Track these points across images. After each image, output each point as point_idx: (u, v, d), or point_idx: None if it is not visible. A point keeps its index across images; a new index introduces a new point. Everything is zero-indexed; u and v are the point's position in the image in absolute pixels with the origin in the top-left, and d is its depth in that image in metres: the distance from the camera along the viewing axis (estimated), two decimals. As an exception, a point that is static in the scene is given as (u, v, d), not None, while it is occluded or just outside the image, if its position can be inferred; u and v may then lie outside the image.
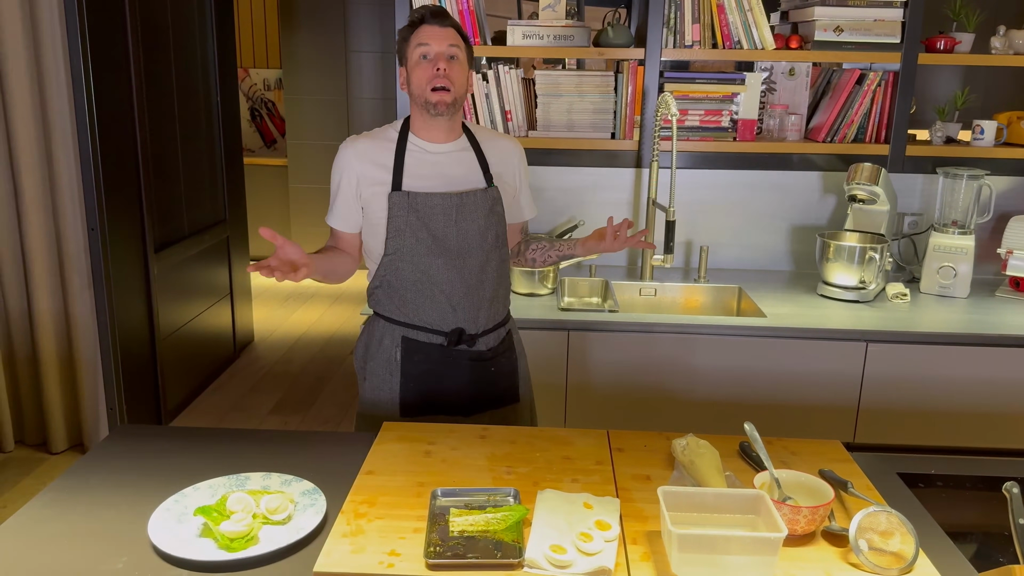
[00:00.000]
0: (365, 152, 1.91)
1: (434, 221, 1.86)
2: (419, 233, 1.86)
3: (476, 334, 1.95)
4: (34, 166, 3.18)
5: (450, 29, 1.84)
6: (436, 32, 1.83)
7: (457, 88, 1.84)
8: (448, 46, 1.83)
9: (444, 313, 1.91)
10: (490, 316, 1.97)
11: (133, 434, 1.75)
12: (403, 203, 1.86)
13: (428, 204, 1.86)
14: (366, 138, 1.95)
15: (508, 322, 2.07)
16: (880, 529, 1.31)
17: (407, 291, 1.91)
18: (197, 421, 3.89)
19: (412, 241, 1.87)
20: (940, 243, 2.78)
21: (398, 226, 1.87)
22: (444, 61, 1.82)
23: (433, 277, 1.89)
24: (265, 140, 7.17)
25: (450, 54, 1.83)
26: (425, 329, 1.93)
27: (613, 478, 1.55)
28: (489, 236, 1.92)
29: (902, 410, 2.50)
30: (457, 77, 1.84)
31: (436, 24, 1.84)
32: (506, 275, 2.02)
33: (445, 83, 1.82)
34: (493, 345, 1.99)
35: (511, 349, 2.06)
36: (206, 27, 4.22)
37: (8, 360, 3.39)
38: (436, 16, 1.85)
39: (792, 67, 2.98)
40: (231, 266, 4.60)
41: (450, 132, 1.92)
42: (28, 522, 1.39)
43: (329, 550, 1.29)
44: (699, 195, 3.03)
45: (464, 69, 1.87)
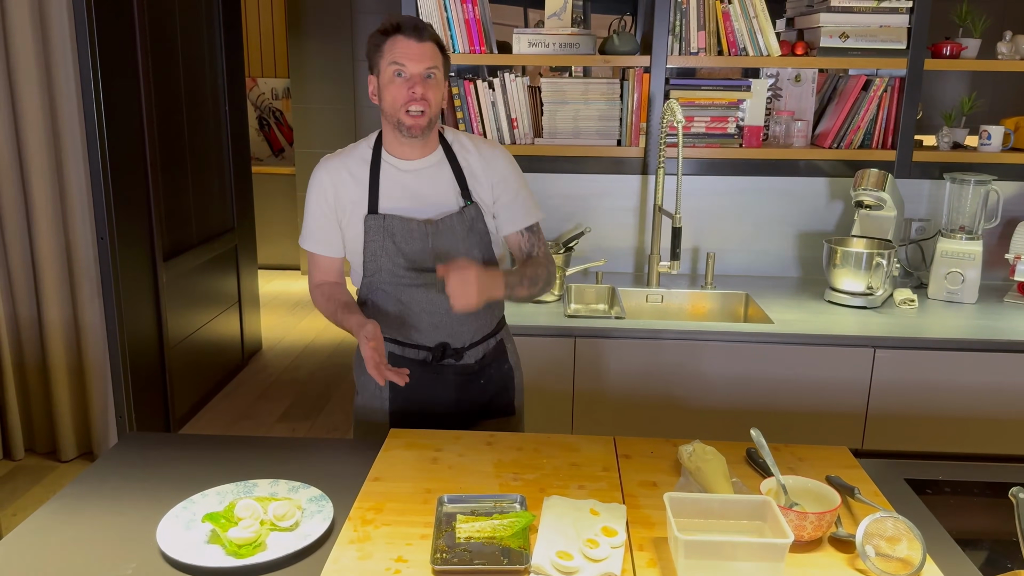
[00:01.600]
0: (340, 173, 1.84)
1: (409, 246, 1.80)
2: (395, 258, 1.82)
3: (462, 348, 1.90)
4: (44, 175, 3.20)
5: (428, 44, 1.72)
6: (413, 50, 1.71)
7: (433, 108, 1.75)
8: (426, 68, 1.72)
9: (427, 330, 1.88)
10: (477, 329, 1.91)
11: (142, 442, 1.76)
12: (379, 227, 1.80)
13: (403, 229, 1.80)
14: (340, 157, 1.87)
15: (500, 331, 2.00)
16: (887, 535, 1.31)
17: (389, 310, 1.88)
18: (206, 428, 3.90)
19: (389, 265, 1.83)
20: (948, 249, 2.77)
21: (374, 250, 1.82)
22: (421, 82, 1.72)
23: (413, 297, 1.85)
24: (273, 149, 7.20)
25: (428, 74, 1.73)
26: (410, 345, 1.90)
27: (620, 484, 1.55)
28: (472, 254, 1.84)
29: (910, 416, 2.49)
30: (434, 96, 1.74)
31: (414, 39, 1.71)
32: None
33: (422, 106, 1.72)
34: (480, 357, 1.94)
35: (503, 360, 2.00)
36: (214, 37, 4.25)
37: (18, 368, 3.41)
38: (415, 30, 1.72)
39: (798, 73, 2.98)
40: (239, 274, 4.62)
41: (424, 148, 1.83)
42: (38, 529, 1.40)
43: (336, 556, 1.30)
44: (705, 202, 3.03)
45: (440, 86, 1.77)
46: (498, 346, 1.99)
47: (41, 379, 3.43)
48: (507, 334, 2.05)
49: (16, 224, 3.25)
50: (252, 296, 4.84)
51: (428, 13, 2.77)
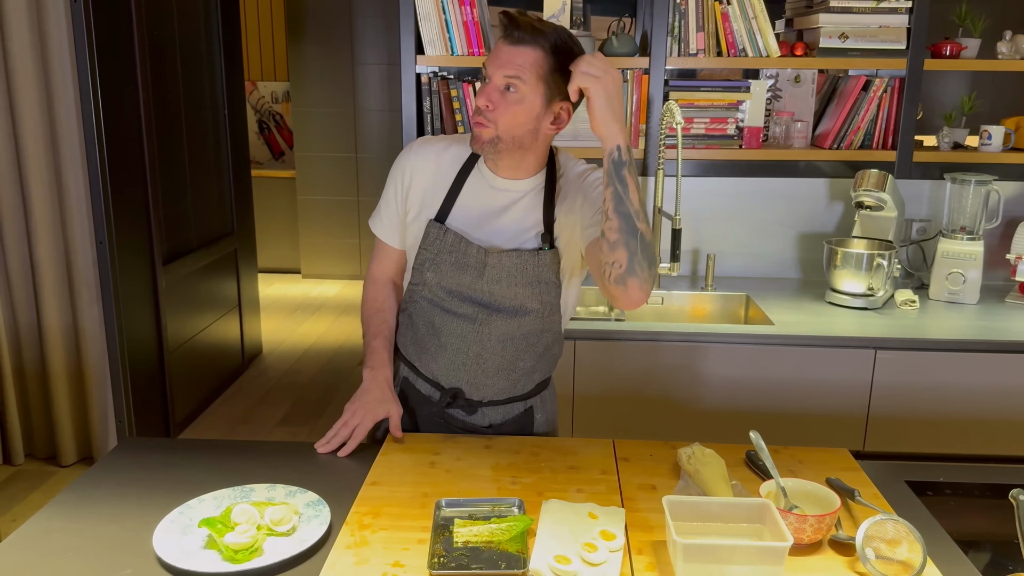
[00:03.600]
0: (427, 162, 1.65)
1: (460, 270, 1.60)
2: (442, 277, 1.62)
3: (477, 402, 1.72)
4: (43, 180, 3.20)
5: (522, 50, 1.46)
6: (501, 54, 1.47)
7: (505, 126, 1.49)
8: (504, 75, 1.47)
9: (447, 368, 1.69)
10: (503, 387, 1.70)
11: (139, 446, 1.76)
12: (437, 237, 1.61)
13: (459, 250, 1.59)
14: (436, 145, 1.66)
15: (532, 397, 1.75)
16: (887, 537, 1.30)
17: (419, 329, 1.70)
18: (205, 433, 3.90)
19: (433, 281, 1.64)
20: (949, 249, 2.77)
21: (423, 259, 1.63)
22: (491, 93, 1.48)
23: (446, 326, 1.65)
24: (273, 152, 7.20)
25: (507, 84, 1.47)
26: (425, 378, 1.74)
27: (619, 488, 1.54)
28: (529, 303, 1.62)
29: (912, 418, 2.48)
30: (509, 114, 1.48)
31: (507, 42, 1.47)
32: (545, 349, 1.72)
33: (484, 120, 1.50)
34: (498, 421, 1.74)
35: (526, 432, 1.76)
36: (213, 40, 4.25)
37: (18, 373, 3.41)
38: (512, 28, 1.46)
39: (798, 74, 2.98)
40: (239, 278, 4.62)
41: (518, 170, 1.59)
42: (34, 534, 1.39)
43: (333, 561, 1.29)
44: (705, 203, 3.03)
45: (527, 105, 1.48)
46: (524, 415, 1.75)
47: (41, 384, 3.43)
48: (542, 402, 1.78)
49: (15, 229, 3.25)
50: (252, 300, 4.83)
51: (426, 15, 2.76)
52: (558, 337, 1.76)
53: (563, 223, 1.61)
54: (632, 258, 1.42)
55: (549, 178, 1.61)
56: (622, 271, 1.43)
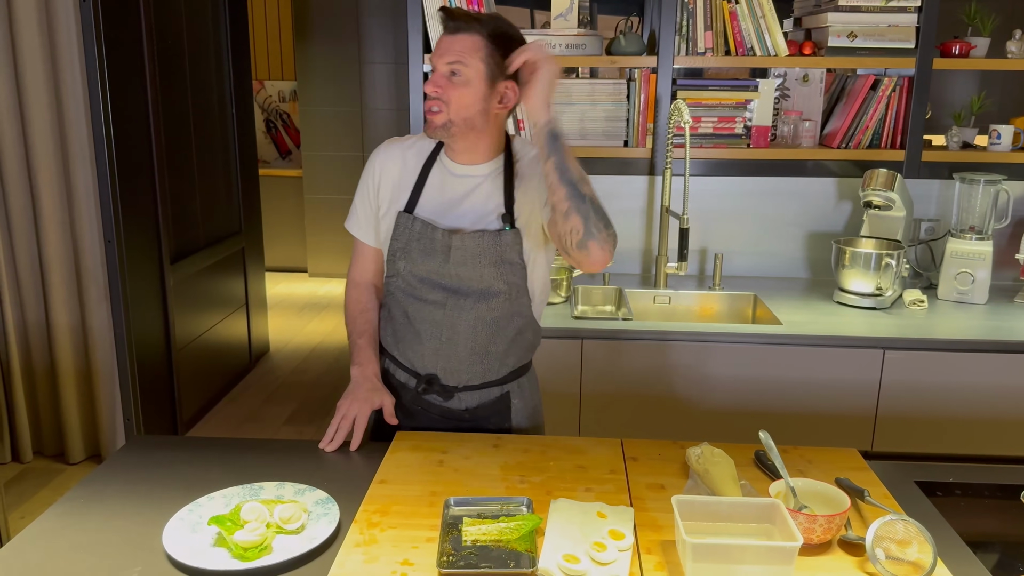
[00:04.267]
0: (394, 160, 1.74)
1: (428, 256, 1.67)
2: (412, 265, 1.70)
3: (453, 387, 1.75)
4: (51, 179, 3.21)
5: (461, 38, 1.58)
6: (443, 44, 1.59)
7: (455, 109, 1.59)
8: (447, 62, 1.57)
9: (423, 355, 1.74)
10: (477, 372, 1.74)
11: (148, 444, 1.76)
12: (406, 226, 1.70)
13: (426, 235, 1.67)
14: (402, 143, 1.77)
15: (509, 382, 1.78)
16: (897, 538, 1.30)
17: (397, 319, 1.77)
18: (213, 431, 3.91)
19: (405, 270, 1.71)
20: (957, 249, 2.76)
21: (395, 250, 1.71)
22: (439, 80, 1.59)
23: (418, 313, 1.72)
24: (280, 151, 7.21)
25: (452, 71, 1.58)
26: (402, 367, 1.79)
27: (627, 487, 1.54)
28: (496, 284, 1.68)
29: (920, 418, 2.48)
30: (454, 96, 1.58)
31: (447, 33, 1.60)
32: (517, 334, 1.75)
33: (437, 105, 1.60)
34: (473, 405, 1.77)
35: (503, 416, 1.79)
36: (221, 40, 4.26)
37: (26, 372, 3.42)
38: (450, 22, 1.60)
39: (806, 73, 2.97)
40: (246, 277, 4.63)
41: (473, 153, 1.68)
42: (44, 532, 1.39)
43: (342, 560, 1.29)
44: (713, 202, 3.02)
45: (472, 87, 1.59)
46: (500, 400, 1.78)
47: (49, 382, 3.44)
48: (519, 388, 1.81)
49: (24, 228, 3.26)
50: (259, 299, 4.84)
51: (434, 14, 2.76)
52: (531, 323, 1.78)
53: (523, 204, 1.68)
54: (586, 221, 1.51)
55: (507, 163, 1.70)
56: (580, 236, 1.52)
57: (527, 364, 1.84)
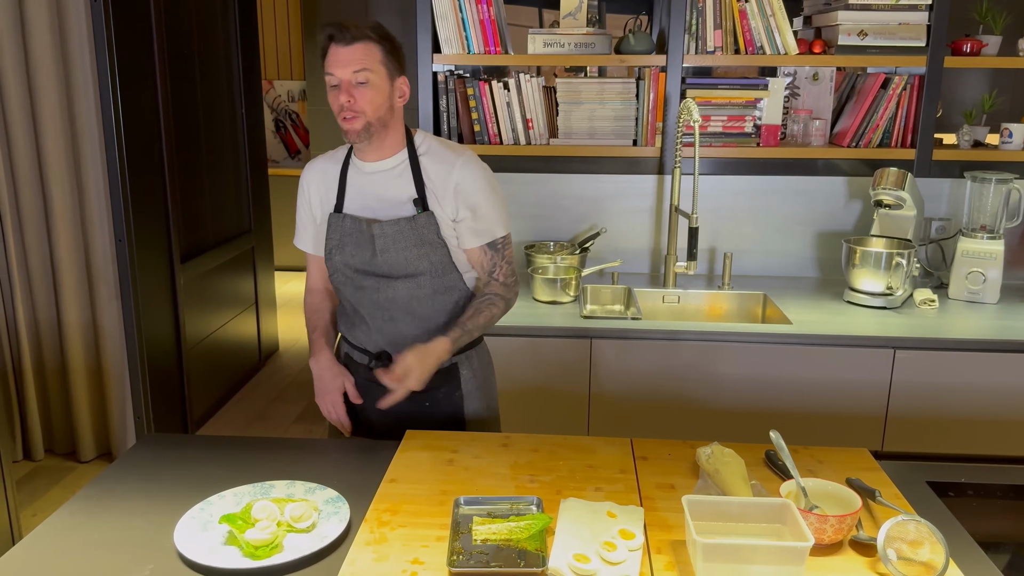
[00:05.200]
0: (318, 174, 1.91)
1: (358, 247, 1.82)
2: (347, 258, 1.84)
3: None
4: (63, 179, 3.23)
5: (357, 46, 1.69)
6: (341, 56, 1.69)
7: (369, 112, 1.71)
8: (353, 72, 1.68)
9: (370, 334, 1.90)
10: (421, 343, 1.79)
11: (159, 443, 1.77)
12: (336, 225, 1.85)
13: (353, 229, 1.82)
14: (321, 160, 1.93)
15: (456, 355, 1.89)
16: (909, 539, 1.29)
17: (345, 308, 1.94)
18: (223, 430, 3.92)
19: (341, 264, 1.86)
20: (969, 248, 2.74)
21: (330, 248, 1.87)
22: (349, 90, 1.70)
23: (360, 299, 1.87)
24: (289, 151, 7.23)
25: (358, 80, 1.69)
26: (357, 348, 1.95)
27: (637, 487, 1.54)
28: (422, 264, 1.80)
29: (931, 418, 2.47)
30: (369, 101, 1.70)
31: (341, 44, 1.69)
32: (454, 306, 1.86)
33: (351, 114, 1.71)
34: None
35: (454, 386, 1.91)
36: (231, 39, 4.27)
37: (37, 370, 3.44)
38: (340, 33, 1.69)
39: (816, 72, 2.96)
40: (256, 276, 4.64)
41: (381, 150, 1.81)
42: (56, 530, 1.40)
43: (353, 558, 1.30)
44: (722, 201, 3.01)
45: (379, 89, 1.71)
46: (449, 370, 1.89)
47: (60, 381, 3.46)
48: (468, 359, 1.93)
49: (35, 227, 3.27)
50: (269, 298, 4.86)
51: (443, 14, 2.77)
52: (469, 295, 1.91)
53: (432, 196, 1.81)
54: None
55: (411, 154, 1.83)
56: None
57: (477, 339, 1.96)
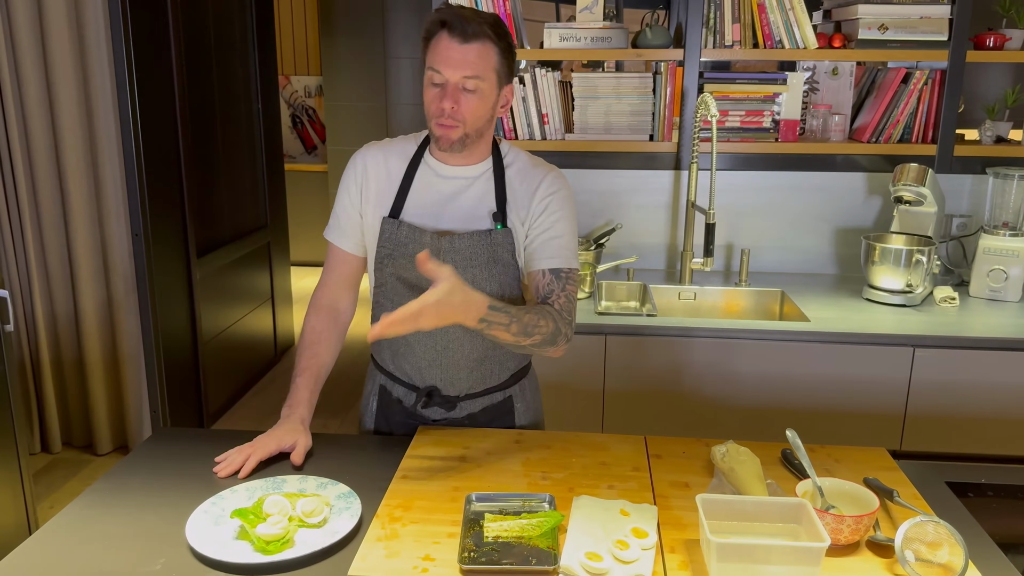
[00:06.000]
0: (378, 162, 1.65)
1: (412, 260, 1.54)
2: (401, 272, 1.62)
3: (456, 397, 1.70)
4: (80, 173, 3.24)
5: (474, 46, 1.47)
6: (454, 54, 1.47)
7: (469, 123, 1.52)
8: (464, 76, 1.47)
9: (420, 367, 1.68)
10: (477, 379, 1.69)
11: (173, 436, 1.77)
12: (392, 233, 1.61)
13: (415, 240, 1.59)
14: (383, 146, 1.68)
15: (511, 387, 1.75)
16: (928, 540, 1.27)
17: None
18: (238, 424, 3.94)
19: (392, 279, 1.64)
20: (990, 245, 2.70)
21: (382, 257, 1.63)
22: (454, 95, 1.49)
23: None
24: (306, 146, 7.25)
25: (466, 86, 1.49)
26: (400, 382, 1.73)
27: (651, 485, 1.53)
28: (490, 286, 1.60)
29: (950, 417, 2.43)
30: (470, 110, 1.51)
31: (456, 39, 1.46)
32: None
33: (451, 122, 1.51)
34: (476, 411, 1.73)
35: (507, 420, 1.75)
36: (247, 35, 4.28)
37: (55, 363, 3.46)
38: (460, 26, 1.46)
39: (835, 66, 2.93)
40: (272, 271, 4.66)
41: (468, 156, 1.61)
42: (70, 523, 1.40)
43: (364, 554, 1.29)
44: (740, 197, 2.99)
45: (486, 98, 1.52)
46: (503, 404, 1.74)
47: (77, 374, 3.48)
48: (521, 390, 1.77)
49: (53, 221, 3.30)
50: (285, 293, 4.87)
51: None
52: None
53: (512, 209, 1.62)
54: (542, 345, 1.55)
55: (496, 164, 1.63)
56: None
57: (527, 365, 1.80)
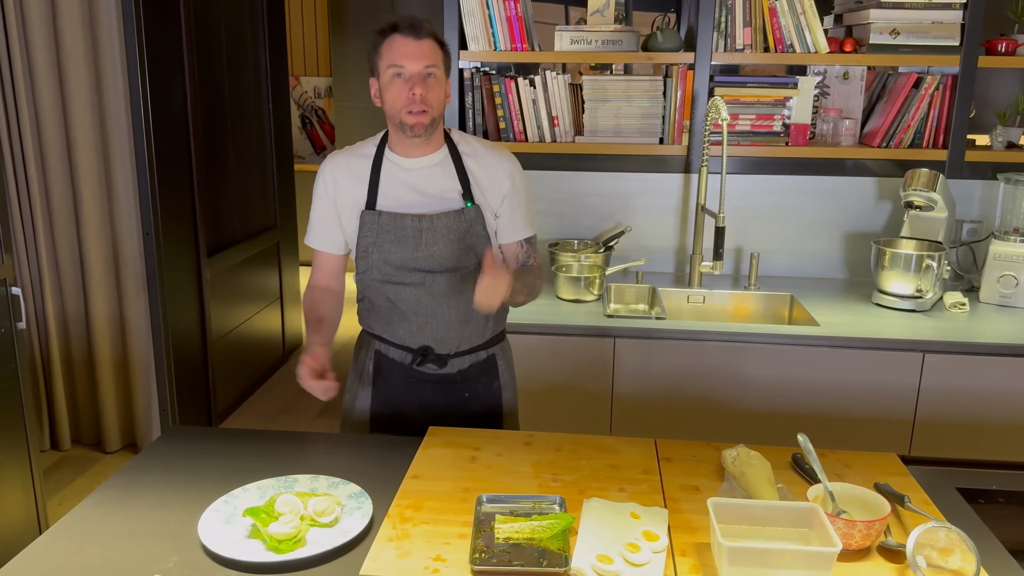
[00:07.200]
0: (343, 169, 1.85)
1: (400, 243, 1.79)
2: (386, 255, 1.81)
3: (446, 355, 1.88)
4: (92, 173, 3.26)
5: (427, 42, 1.70)
6: (411, 49, 1.69)
7: (435, 108, 1.73)
8: (424, 66, 1.69)
9: (412, 331, 1.86)
10: (464, 338, 1.88)
11: (184, 435, 1.78)
12: (372, 223, 1.81)
13: (395, 226, 1.79)
14: (346, 154, 1.88)
15: (493, 346, 1.95)
16: (939, 546, 1.27)
17: (381, 307, 1.88)
18: (246, 423, 3.95)
19: (379, 262, 1.83)
20: (1001, 251, 2.70)
21: (365, 246, 1.83)
22: (420, 83, 1.70)
23: (400, 296, 1.83)
24: (315, 147, 7.26)
25: (426, 73, 1.70)
26: (396, 345, 1.90)
27: (661, 488, 1.53)
28: (467, 258, 1.82)
29: (960, 423, 2.43)
30: (434, 97, 1.73)
31: (411, 37, 1.69)
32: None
33: (422, 107, 1.71)
34: (466, 367, 1.90)
35: (491, 375, 1.95)
36: (258, 36, 4.30)
37: (65, 362, 3.48)
38: (411, 28, 1.69)
39: (846, 71, 2.92)
40: (281, 271, 4.67)
41: (427, 146, 1.81)
42: (82, 520, 1.41)
43: (375, 554, 1.30)
44: (750, 201, 2.98)
45: (442, 85, 1.75)
46: (488, 361, 1.94)
47: (87, 372, 3.50)
48: (502, 351, 1.99)
49: (65, 221, 3.31)
50: (293, 292, 4.88)
51: (471, 11, 2.76)
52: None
53: (475, 188, 1.83)
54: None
55: (452, 150, 1.84)
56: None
57: (503, 331, 2.01)
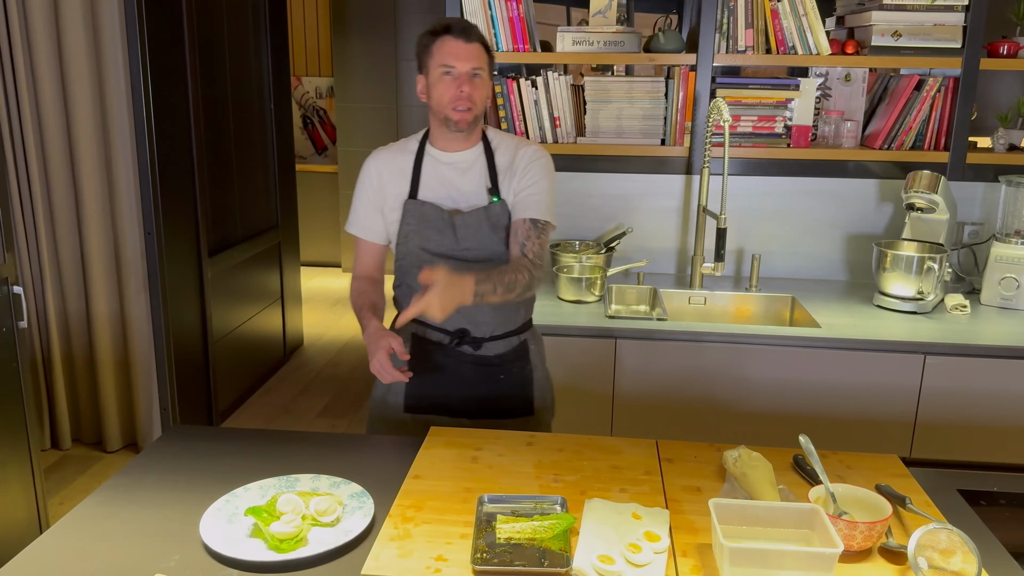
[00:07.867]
0: (388, 163, 1.97)
1: (438, 232, 1.89)
2: (424, 242, 1.91)
3: (482, 338, 1.95)
4: (94, 172, 3.26)
5: (475, 45, 1.83)
6: (461, 50, 1.82)
7: (478, 106, 1.86)
8: (472, 67, 1.82)
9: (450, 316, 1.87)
10: (498, 323, 1.96)
11: (185, 434, 1.78)
12: (414, 211, 1.91)
13: (434, 215, 1.90)
14: (391, 150, 2.00)
15: (525, 332, 2.04)
16: (941, 547, 1.27)
17: (419, 290, 1.87)
18: (247, 423, 3.95)
19: (417, 248, 1.92)
20: (1002, 253, 2.70)
21: (406, 232, 1.93)
22: (468, 82, 1.82)
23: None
24: (316, 147, 7.27)
25: (474, 73, 1.83)
26: (433, 328, 1.96)
27: (662, 489, 1.53)
28: (499, 247, 1.92)
29: (961, 425, 2.43)
30: (479, 95, 1.85)
31: (462, 40, 1.82)
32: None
33: (468, 104, 1.83)
34: (501, 352, 1.98)
35: (524, 360, 2.02)
36: (260, 36, 4.30)
37: (67, 361, 3.48)
38: (463, 31, 1.83)
39: (848, 73, 2.92)
40: (282, 271, 4.67)
41: (466, 141, 1.93)
42: (83, 519, 1.42)
43: (377, 553, 1.30)
44: (751, 202, 2.99)
45: (486, 85, 1.88)
46: (521, 346, 2.02)
47: (88, 371, 3.50)
48: (533, 336, 2.07)
49: (67, 219, 3.31)
50: (294, 292, 4.89)
51: (473, 11, 2.76)
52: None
53: (504, 186, 1.93)
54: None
55: (487, 147, 1.95)
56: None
57: (531, 318, 2.09)
